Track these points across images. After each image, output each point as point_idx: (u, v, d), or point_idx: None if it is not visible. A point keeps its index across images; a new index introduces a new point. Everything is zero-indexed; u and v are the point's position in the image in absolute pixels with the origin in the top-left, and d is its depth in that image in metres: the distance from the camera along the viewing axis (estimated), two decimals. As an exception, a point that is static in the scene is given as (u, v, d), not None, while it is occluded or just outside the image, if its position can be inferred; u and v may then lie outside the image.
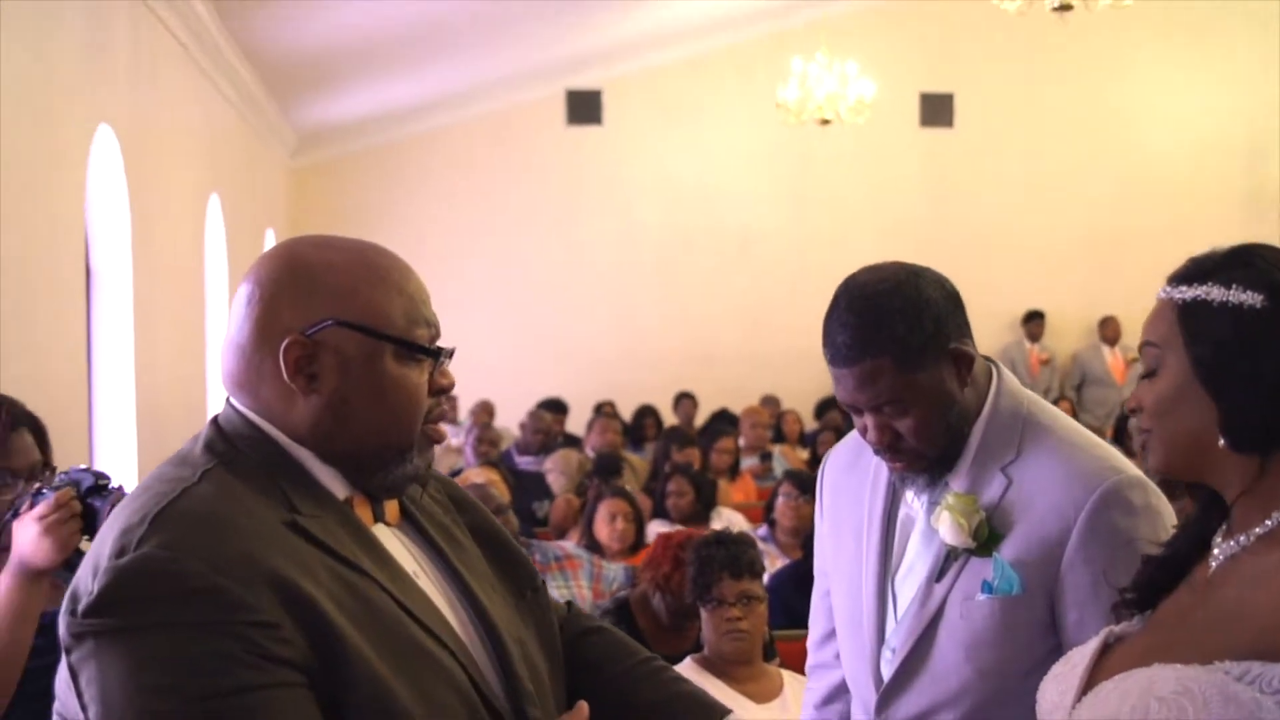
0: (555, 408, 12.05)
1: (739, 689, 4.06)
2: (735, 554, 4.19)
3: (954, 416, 2.40)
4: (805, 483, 6.76)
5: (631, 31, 13.39)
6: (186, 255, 8.93)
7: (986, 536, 2.37)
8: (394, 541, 1.98)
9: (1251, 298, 1.81)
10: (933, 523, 2.42)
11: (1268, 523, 1.82)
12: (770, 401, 13.24)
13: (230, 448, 1.89)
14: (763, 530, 6.96)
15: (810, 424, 12.76)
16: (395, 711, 1.77)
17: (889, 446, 2.40)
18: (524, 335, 13.96)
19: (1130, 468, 2.39)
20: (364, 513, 1.96)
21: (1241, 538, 1.84)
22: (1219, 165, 14.54)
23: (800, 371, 13.44)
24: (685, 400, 12.99)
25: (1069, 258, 14.07)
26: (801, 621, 3.20)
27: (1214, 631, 1.79)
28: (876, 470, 2.58)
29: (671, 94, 14.58)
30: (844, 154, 13.61)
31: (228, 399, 1.96)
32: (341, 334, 1.88)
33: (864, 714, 2.55)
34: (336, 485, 1.93)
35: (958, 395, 2.40)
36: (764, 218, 14.48)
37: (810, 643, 2.81)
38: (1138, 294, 2.13)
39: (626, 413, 12.71)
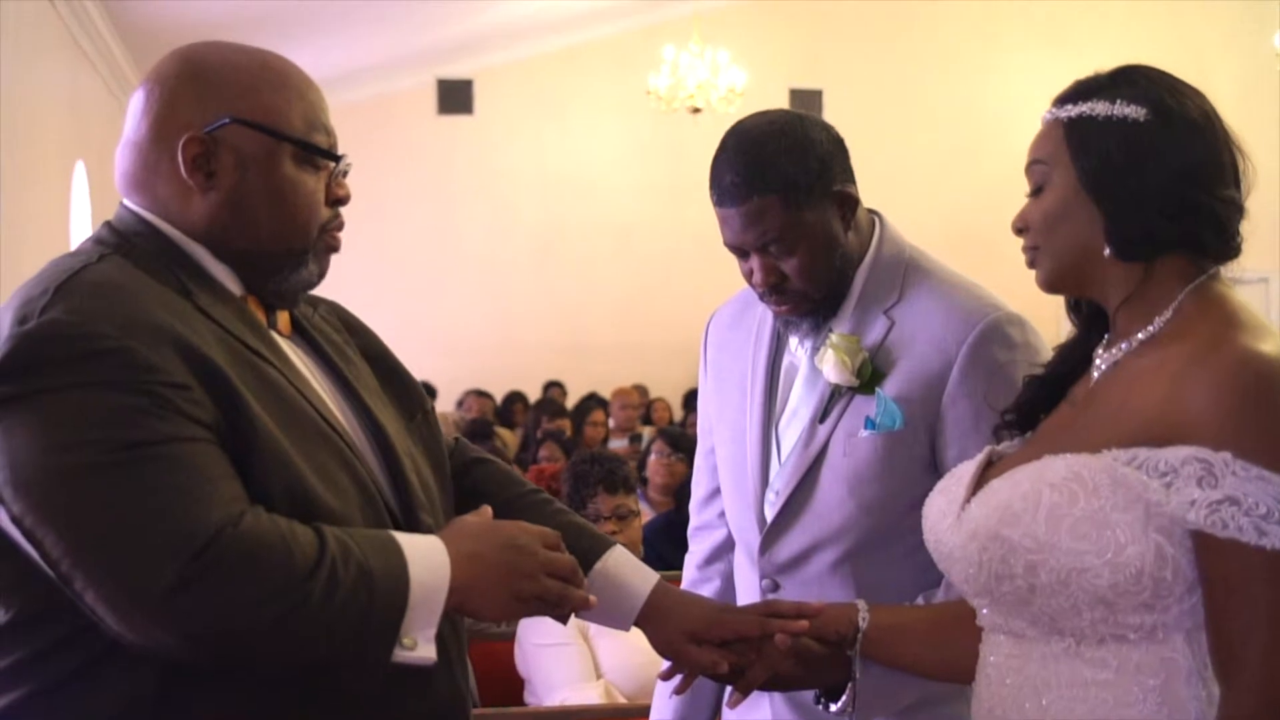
0: (425, 392, 11.96)
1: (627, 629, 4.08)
2: (610, 469, 4.26)
3: (838, 258, 2.44)
4: (677, 440, 6.79)
5: (503, 21, 13.39)
6: (52, 221, 8.78)
7: (870, 375, 2.41)
8: (287, 348, 1.98)
9: (1135, 111, 1.88)
10: (817, 363, 2.46)
11: (1150, 328, 1.89)
12: (640, 390, 13.29)
13: (124, 241, 1.89)
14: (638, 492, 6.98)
15: (679, 415, 12.83)
16: (301, 488, 1.78)
17: (774, 288, 2.43)
18: (394, 322, 13.64)
19: (1009, 305, 2.45)
20: (258, 314, 1.96)
21: (1124, 344, 1.92)
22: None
23: (671, 363, 13.49)
24: (554, 388, 13.00)
25: (937, 254, 14.14)
26: (674, 566, 3.25)
27: (1100, 426, 1.86)
28: (760, 323, 2.62)
29: (545, 85, 14.60)
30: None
31: (121, 202, 1.95)
32: (240, 132, 1.89)
33: (748, 559, 2.58)
34: (231, 283, 1.93)
35: (842, 237, 2.44)
36: (639, 209, 14.55)
37: (693, 505, 2.83)
38: (1005, 291, 2.21)
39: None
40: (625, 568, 2.23)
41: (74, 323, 1.68)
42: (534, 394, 12.92)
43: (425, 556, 1.77)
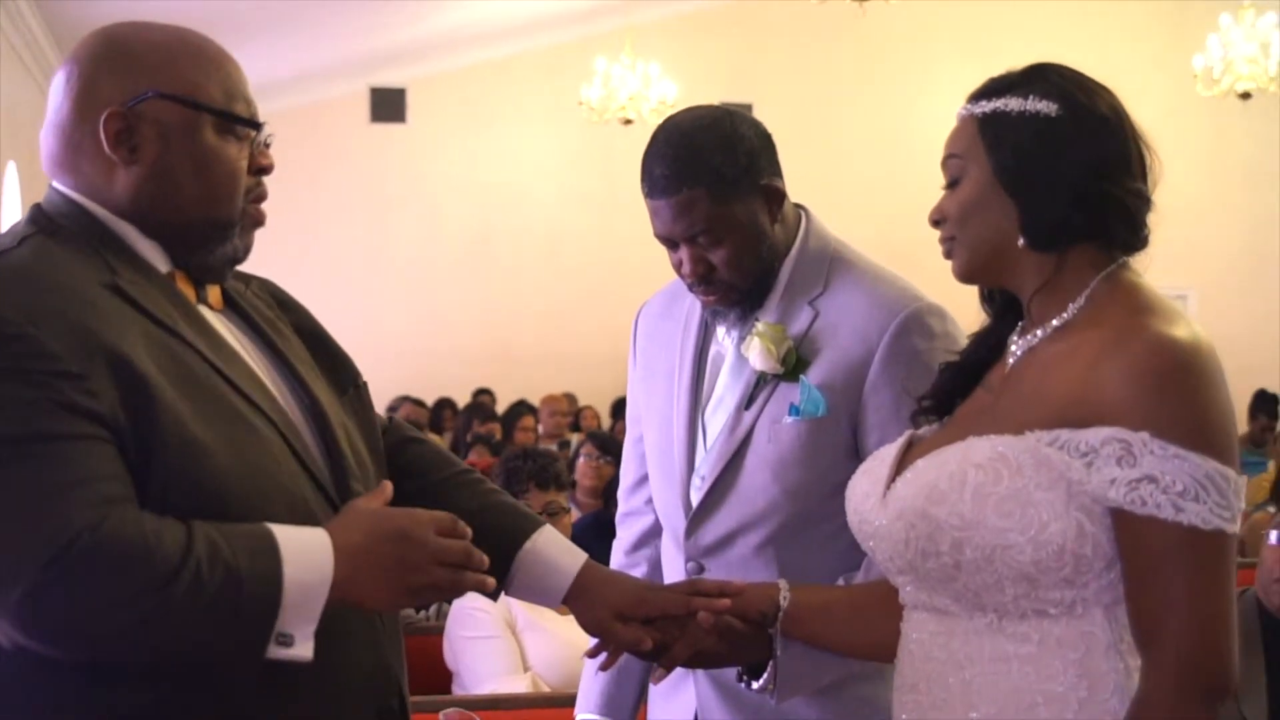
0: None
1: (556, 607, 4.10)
2: (542, 466, 4.29)
3: (765, 250, 2.48)
4: (605, 443, 6.83)
5: (436, 30, 13.38)
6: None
7: (794, 363, 2.45)
8: (218, 323, 1.98)
9: (1047, 106, 1.93)
10: (743, 351, 2.49)
11: (1064, 314, 1.94)
12: (569, 397, 13.30)
13: (50, 222, 1.89)
14: (565, 493, 7.00)
15: (608, 423, 12.84)
16: (208, 472, 1.77)
17: (703, 278, 2.46)
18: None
19: (928, 297, 2.49)
20: (186, 290, 1.96)
21: (1039, 331, 1.96)
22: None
23: (599, 373, 13.49)
24: (483, 396, 12.99)
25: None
26: (604, 561, 3.22)
27: (1019, 409, 1.90)
28: (689, 315, 2.64)
29: (477, 94, 14.59)
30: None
31: (50, 184, 1.96)
32: (161, 106, 1.89)
33: (674, 543, 2.60)
34: (158, 259, 1.93)
35: (768, 230, 2.48)
36: (569, 219, 14.57)
37: (621, 491, 2.86)
38: (938, 297, 2.26)
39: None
40: (554, 546, 2.24)
41: None
42: (463, 401, 12.90)
43: (305, 554, 1.75)
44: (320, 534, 1.79)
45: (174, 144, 1.90)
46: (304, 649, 1.73)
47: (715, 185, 2.40)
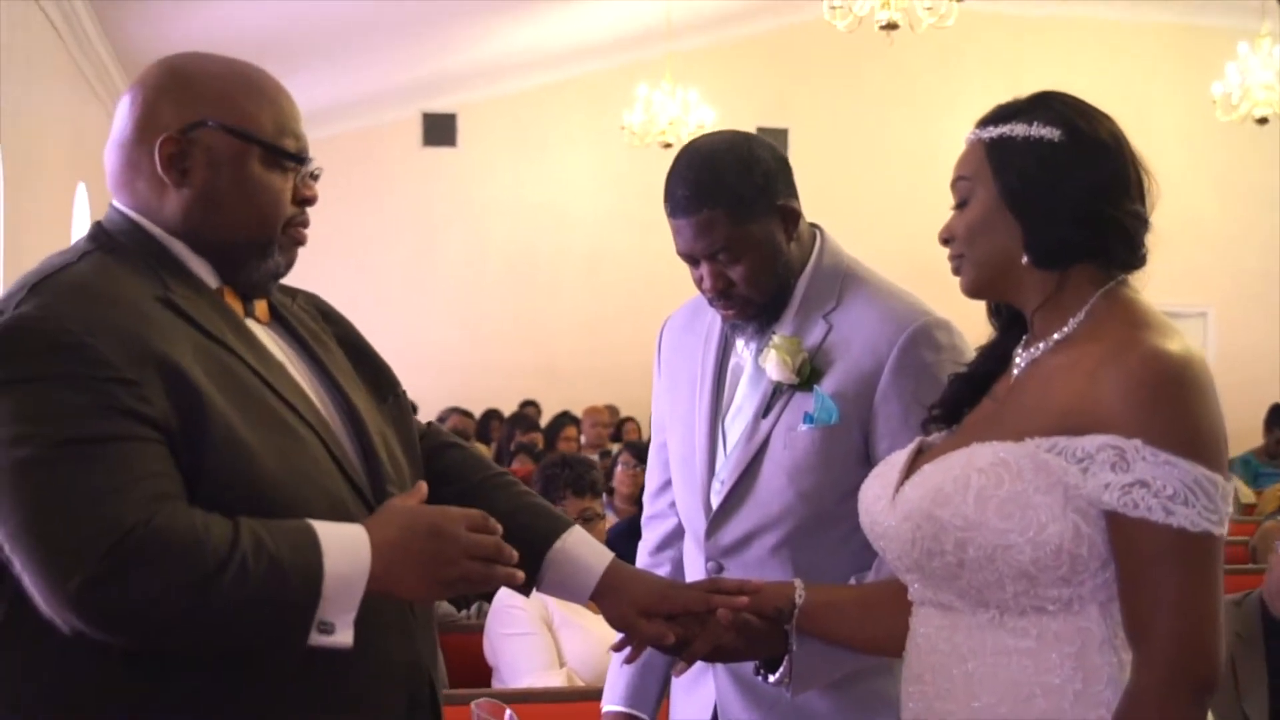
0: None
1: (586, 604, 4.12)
2: (579, 473, 4.32)
3: (781, 266, 2.51)
4: (641, 452, 6.83)
5: (486, 58, 13.46)
6: (55, 240, 8.77)
7: (809, 374, 2.48)
8: (264, 335, 2.03)
9: (1051, 133, 1.96)
10: (760, 363, 2.52)
11: (1065, 329, 1.97)
12: (611, 409, 13.31)
13: (109, 239, 1.96)
14: (604, 499, 7.02)
15: (649, 434, 12.79)
16: (255, 474, 1.82)
17: (722, 294, 2.50)
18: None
19: (936, 312, 2.52)
20: (234, 304, 2.01)
21: (1042, 344, 1.99)
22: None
23: (641, 386, 13.38)
24: (528, 407, 13.03)
25: (899, 283, 14.13)
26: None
27: (1021, 418, 1.92)
28: (710, 328, 2.68)
29: (525, 119, 14.67)
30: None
31: (110, 202, 2.02)
32: (213, 135, 1.95)
33: (695, 543, 2.63)
34: (208, 275, 1.99)
35: (784, 248, 2.51)
36: (611, 239, 14.59)
37: (646, 495, 2.89)
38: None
39: (474, 419, 12.68)
40: (582, 546, 2.27)
41: (41, 318, 1.75)
42: (510, 413, 12.92)
43: (344, 548, 1.79)
44: (358, 529, 1.84)
45: (222, 171, 1.95)
46: (344, 636, 1.77)
47: (734, 206, 2.44)
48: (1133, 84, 14.69)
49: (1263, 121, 11.35)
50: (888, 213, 14.39)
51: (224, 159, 1.95)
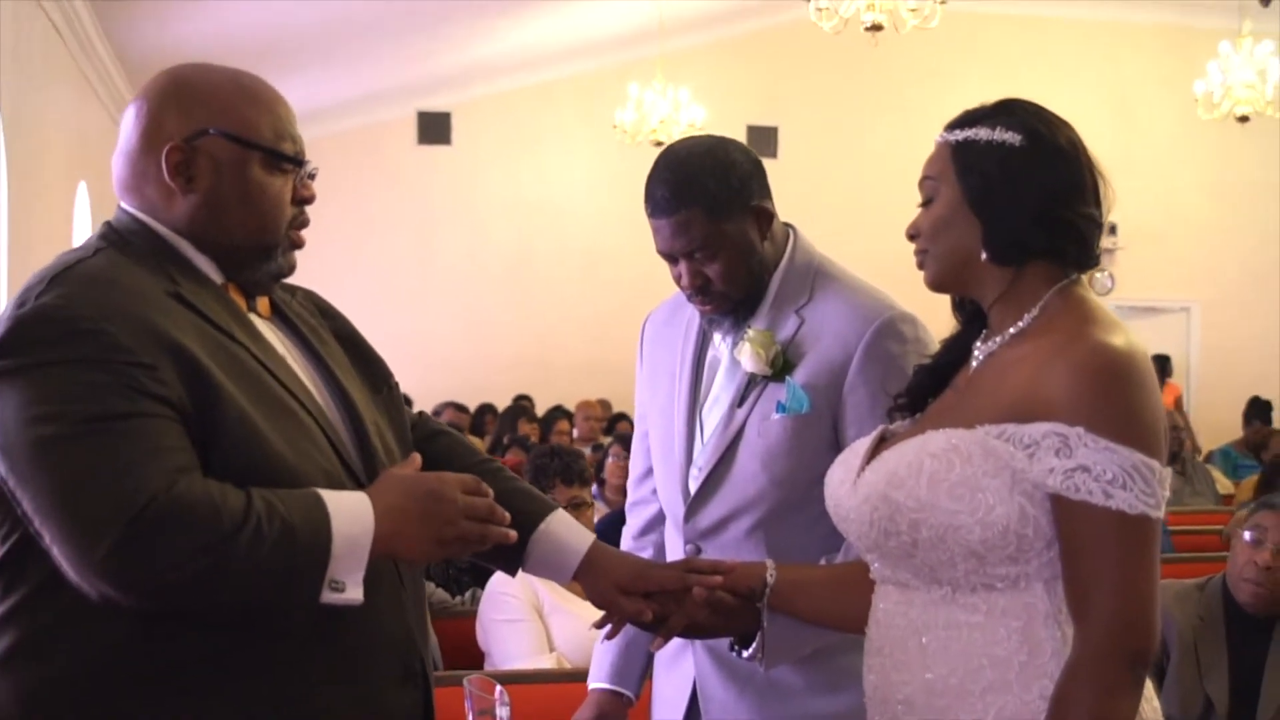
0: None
1: (573, 589, 4.24)
2: (568, 462, 4.41)
3: (755, 264, 2.61)
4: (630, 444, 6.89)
5: (481, 58, 13.51)
6: (57, 237, 8.84)
7: (782, 365, 2.59)
8: (266, 329, 2.13)
9: (1012, 137, 2.05)
10: (736, 355, 2.63)
11: (1020, 323, 2.06)
12: (604, 404, 13.38)
13: (119, 237, 2.06)
14: (593, 489, 7.10)
15: (640, 429, 12.84)
16: (264, 454, 1.92)
17: (700, 290, 2.61)
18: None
19: (901, 306, 2.63)
20: (237, 299, 2.11)
21: (999, 338, 2.08)
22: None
23: (634, 381, 13.47)
24: (523, 401, 13.08)
25: (890, 286, 14.16)
26: None
27: (976, 407, 2.02)
28: (689, 322, 2.78)
29: (519, 118, 14.74)
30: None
31: (118, 204, 2.12)
32: (216, 143, 2.05)
33: (674, 527, 2.74)
34: (212, 272, 2.09)
35: (759, 246, 2.62)
36: (605, 236, 14.61)
37: (630, 482, 3.00)
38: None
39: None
40: (565, 528, 2.37)
41: (60, 307, 1.86)
42: (504, 407, 12.98)
43: (349, 511, 1.90)
44: (361, 495, 1.96)
45: (226, 176, 2.05)
46: (355, 593, 1.88)
47: (710, 206, 2.54)
48: (1119, 83, 14.80)
49: (1243, 120, 11.41)
50: (875, 209, 14.32)
51: (227, 165, 2.05)
